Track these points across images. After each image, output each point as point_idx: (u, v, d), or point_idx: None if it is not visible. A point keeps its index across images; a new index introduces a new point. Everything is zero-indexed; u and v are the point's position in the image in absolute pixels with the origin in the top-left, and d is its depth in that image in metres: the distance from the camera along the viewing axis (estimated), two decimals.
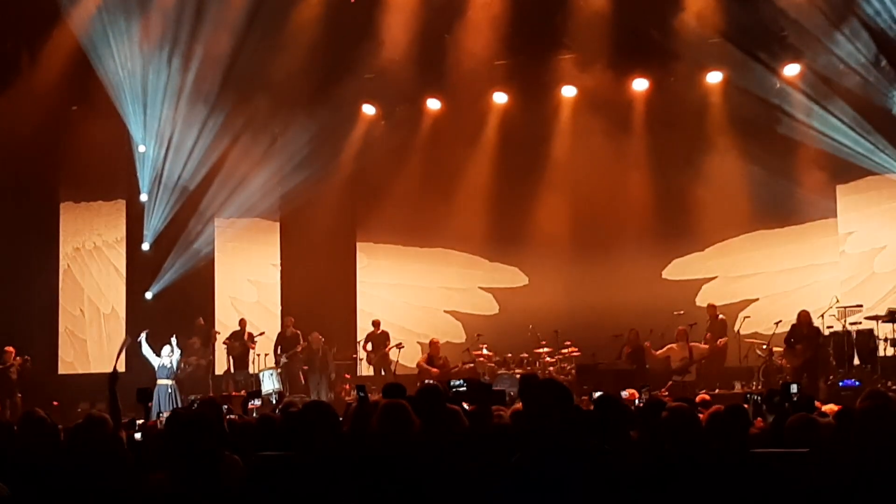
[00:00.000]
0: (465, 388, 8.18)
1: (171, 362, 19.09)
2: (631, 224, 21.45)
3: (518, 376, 16.60)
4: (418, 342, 22.82)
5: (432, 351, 19.87)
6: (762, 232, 21.29)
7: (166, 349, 19.24)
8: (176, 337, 19.06)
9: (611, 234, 21.61)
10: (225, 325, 22.41)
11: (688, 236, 21.54)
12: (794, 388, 7.85)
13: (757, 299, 21.27)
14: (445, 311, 23.51)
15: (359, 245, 24.05)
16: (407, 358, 21.52)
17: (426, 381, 16.28)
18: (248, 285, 23.60)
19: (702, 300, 21.32)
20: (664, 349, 18.50)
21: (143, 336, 18.61)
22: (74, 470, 6.62)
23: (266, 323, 22.76)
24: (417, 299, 23.77)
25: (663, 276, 21.96)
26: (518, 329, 21.14)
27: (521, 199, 21.79)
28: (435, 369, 19.18)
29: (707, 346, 18.64)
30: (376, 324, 21.41)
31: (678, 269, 22.00)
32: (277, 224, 23.67)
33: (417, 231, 23.26)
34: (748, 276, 21.57)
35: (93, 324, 22.89)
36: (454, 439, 6.59)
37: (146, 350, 19.80)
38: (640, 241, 21.42)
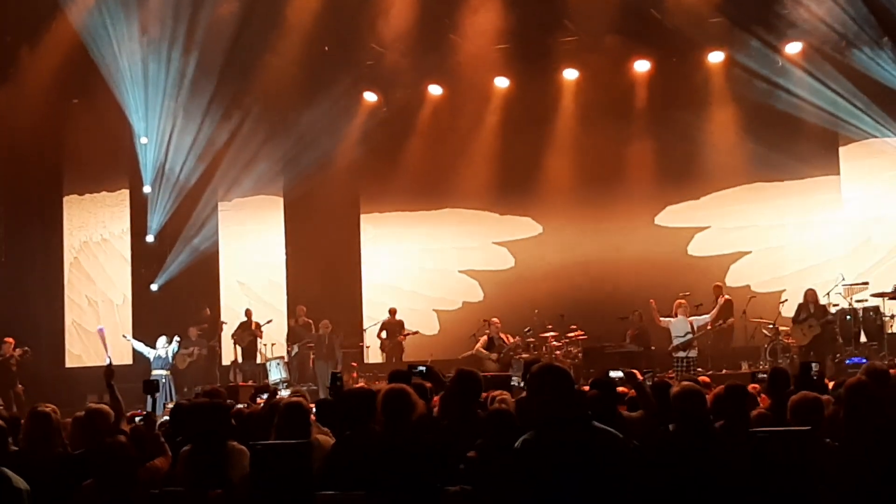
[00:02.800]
0: None
1: (166, 353, 19.26)
2: (631, 173, 21.25)
3: (523, 361, 16.51)
4: (434, 309, 22.92)
5: (492, 331, 19.00)
6: (761, 184, 21.03)
7: (162, 340, 19.40)
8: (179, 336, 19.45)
9: (613, 184, 21.39)
10: (232, 309, 22.54)
11: (683, 184, 21.31)
12: (814, 368, 7.80)
13: (749, 252, 21.14)
14: (460, 272, 23.19)
15: (363, 217, 23.81)
16: (420, 324, 21.67)
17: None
18: (254, 266, 23.53)
19: (694, 249, 21.38)
20: (665, 322, 18.37)
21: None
22: (80, 461, 6.64)
23: (273, 298, 22.96)
24: (430, 263, 23.44)
25: (655, 221, 21.76)
26: (533, 283, 21.45)
27: (526, 154, 21.55)
28: (494, 354, 18.58)
29: (710, 316, 18.44)
30: (392, 312, 21.27)
31: (671, 216, 21.75)
32: (281, 199, 23.52)
33: (422, 194, 22.95)
34: (742, 228, 21.31)
35: (105, 315, 22.86)
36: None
37: (136, 344, 19.96)
38: (639, 189, 21.31)
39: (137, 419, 7.62)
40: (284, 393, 12.60)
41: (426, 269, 23.48)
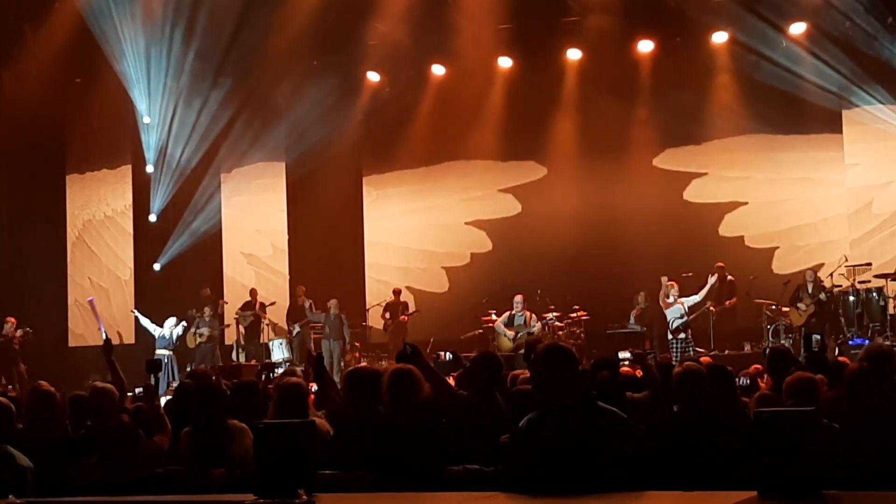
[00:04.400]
0: None
1: (170, 334, 19.33)
2: (632, 126, 21.14)
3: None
4: (442, 266, 22.81)
5: (515, 309, 18.67)
6: (764, 136, 20.59)
7: (171, 321, 19.46)
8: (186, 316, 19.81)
9: (615, 131, 21.19)
10: (234, 279, 22.73)
11: (685, 128, 20.95)
12: (815, 339, 7.80)
13: (746, 203, 20.87)
14: (466, 224, 22.83)
15: (365, 180, 23.60)
16: (429, 283, 21.89)
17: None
18: (257, 235, 23.37)
19: (690, 195, 21.17)
20: (663, 304, 18.32)
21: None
22: (83, 440, 6.66)
23: (277, 264, 23.00)
24: (436, 218, 23.08)
25: (654, 163, 21.44)
26: (540, 228, 21.50)
27: (529, 120, 21.58)
28: (511, 331, 18.34)
29: (699, 297, 18.35)
30: (397, 292, 21.24)
31: (670, 159, 21.40)
32: (283, 164, 23.26)
33: (423, 150, 22.59)
34: (741, 178, 20.95)
35: (112, 292, 22.84)
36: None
37: (143, 320, 20.04)
38: (639, 130, 21.11)
39: (137, 390, 7.64)
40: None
41: (432, 225, 23.10)
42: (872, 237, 19.54)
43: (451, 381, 7.98)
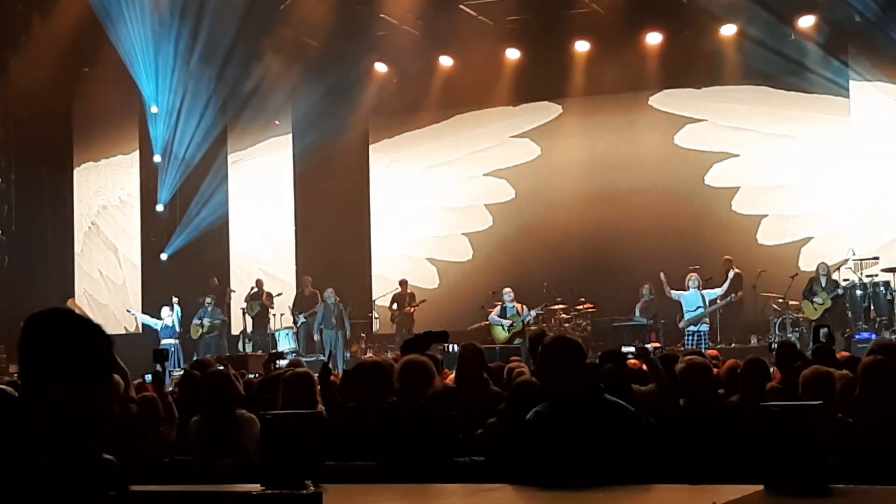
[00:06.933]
0: None
1: (172, 322, 19.34)
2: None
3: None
4: (463, 233, 22.57)
5: (505, 300, 18.77)
6: (766, 88, 20.38)
7: (165, 310, 19.48)
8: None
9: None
10: (242, 253, 22.82)
11: (685, 69, 20.66)
12: (823, 332, 7.81)
13: (738, 156, 20.62)
14: (485, 175, 22.47)
15: (372, 147, 23.45)
16: (451, 252, 22.02)
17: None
18: (273, 213, 23.25)
19: (681, 140, 21.00)
20: (675, 295, 18.26)
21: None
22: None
23: (284, 251, 23.04)
24: (452, 174, 22.73)
25: (649, 102, 21.27)
26: (560, 173, 21.42)
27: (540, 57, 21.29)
28: (507, 321, 18.51)
29: (722, 290, 18.28)
30: (403, 283, 21.19)
31: (666, 101, 21.21)
32: (290, 136, 23.15)
33: (428, 107, 22.38)
34: (735, 130, 20.63)
35: (131, 276, 22.85)
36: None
37: (142, 317, 20.03)
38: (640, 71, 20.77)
39: (147, 377, 7.64)
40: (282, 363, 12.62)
41: (449, 181, 22.75)
42: (860, 219, 19.43)
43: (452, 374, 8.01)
